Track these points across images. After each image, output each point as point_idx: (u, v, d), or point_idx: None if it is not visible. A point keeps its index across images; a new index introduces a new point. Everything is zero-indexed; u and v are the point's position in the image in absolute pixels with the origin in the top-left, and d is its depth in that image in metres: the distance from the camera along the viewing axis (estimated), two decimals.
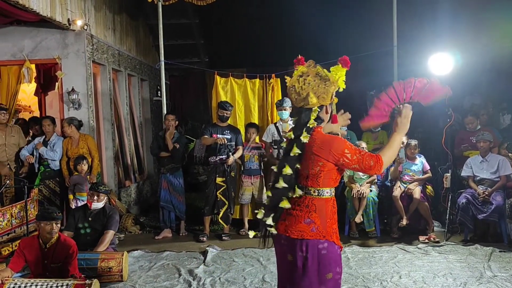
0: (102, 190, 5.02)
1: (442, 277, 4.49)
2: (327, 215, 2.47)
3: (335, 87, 2.53)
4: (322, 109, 2.54)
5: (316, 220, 2.43)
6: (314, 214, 2.44)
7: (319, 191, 2.47)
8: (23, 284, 3.76)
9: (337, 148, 2.43)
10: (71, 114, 6.47)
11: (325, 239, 2.43)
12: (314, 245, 2.41)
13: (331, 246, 2.45)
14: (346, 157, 2.42)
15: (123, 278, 4.57)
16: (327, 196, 2.49)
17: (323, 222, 2.44)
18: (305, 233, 2.42)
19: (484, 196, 5.63)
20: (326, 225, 2.45)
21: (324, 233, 2.43)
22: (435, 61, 5.78)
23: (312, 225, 2.43)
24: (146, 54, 9.54)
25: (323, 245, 2.42)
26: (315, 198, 2.47)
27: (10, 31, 6.54)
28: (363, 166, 2.43)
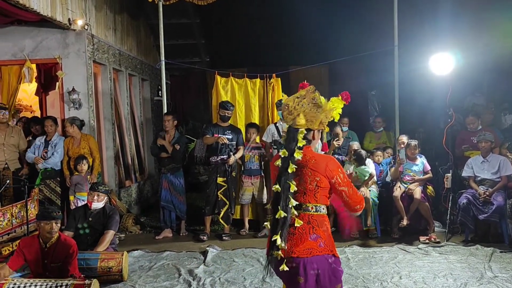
0: (102, 190, 5.03)
1: (442, 278, 4.48)
2: (328, 230, 2.53)
3: (327, 116, 2.61)
4: (309, 132, 2.59)
5: (322, 234, 2.48)
6: (319, 229, 2.49)
7: (316, 207, 2.52)
8: (22, 284, 3.76)
9: (333, 165, 2.55)
10: (71, 114, 6.47)
11: (332, 253, 2.49)
12: (325, 260, 2.45)
13: (337, 260, 2.52)
14: (339, 176, 2.53)
15: (123, 278, 4.58)
16: (323, 213, 2.56)
17: (327, 236, 2.50)
18: (313, 249, 2.43)
19: (485, 197, 5.61)
20: (331, 240, 2.52)
21: (331, 247, 2.49)
22: (436, 60, 5.77)
23: (319, 240, 2.46)
24: (147, 54, 9.54)
25: (331, 259, 2.47)
26: (314, 214, 2.51)
27: (10, 30, 6.54)
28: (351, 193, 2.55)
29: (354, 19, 8.59)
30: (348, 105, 2.99)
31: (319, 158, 2.58)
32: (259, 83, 6.94)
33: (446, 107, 5.99)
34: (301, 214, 2.50)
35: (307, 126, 2.56)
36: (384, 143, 7.28)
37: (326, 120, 2.62)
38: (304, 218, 2.49)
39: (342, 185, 2.53)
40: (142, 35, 9.29)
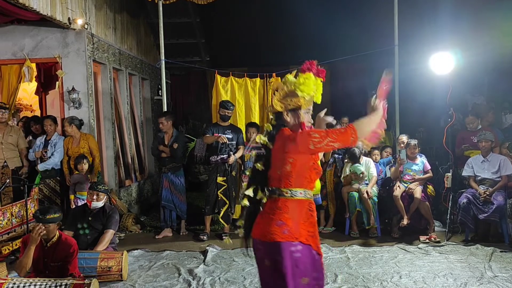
0: (101, 189, 5.02)
1: (442, 277, 4.47)
2: (300, 217, 2.43)
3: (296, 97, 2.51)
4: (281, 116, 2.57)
5: (288, 221, 2.40)
6: (286, 215, 2.41)
7: (291, 192, 2.44)
8: (22, 284, 3.75)
9: (302, 135, 2.45)
10: (71, 113, 6.46)
11: (298, 241, 2.38)
12: (287, 247, 2.36)
13: (306, 250, 2.39)
14: (313, 137, 2.42)
15: (123, 278, 4.57)
16: (300, 197, 2.46)
17: (296, 224, 2.40)
18: (276, 235, 2.38)
19: (485, 196, 5.61)
20: (299, 227, 2.40)
21: (296, 235, 2.38)
22: (436, 60, 5.77)
23: (284, 227, 2.38)
24: (147, 53, 9.53)
25: (296, 247, 2.37)
26: (288, 199, 2.44)
27: (10, 30, 6.54)
28: (334, 136, 2.40)
29: (354, 19, 8.59)
30: (348, 104, 2.98)
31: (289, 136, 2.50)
32: (259, 83, 6.94)
33: (446, 107, 5.98)
34: (276, 198, 2.47)
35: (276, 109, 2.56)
36: (383, 143, 7.27)
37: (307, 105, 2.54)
38: (277, 204, 2.45)
39: (323, 140, 2.40)
40: (142, 34, 9.29)
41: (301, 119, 2.54)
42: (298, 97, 2.51)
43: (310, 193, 2.51)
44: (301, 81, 2.51)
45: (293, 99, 2.51)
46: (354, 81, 9.30)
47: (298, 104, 2.52)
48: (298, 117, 2.54)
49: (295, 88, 2.50)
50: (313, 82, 2.53)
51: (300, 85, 2.50)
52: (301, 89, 2.50)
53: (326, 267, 4.86)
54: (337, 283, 4.41)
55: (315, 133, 2.44)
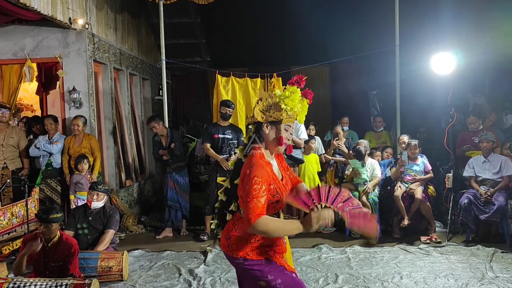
0: (101, 189, 5.02)
1: (443, 278, 4.46)
2: (248, 236, 2.41)
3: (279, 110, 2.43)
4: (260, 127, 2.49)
5: (232, 237, 2.46)
6: (234, 232, 2.46)
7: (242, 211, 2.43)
8: (22, 284, 3.75)
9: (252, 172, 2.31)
10: (72, 113, 6.46)
11: (240, 257, 2.42)
12: (232, 259, 2.49)
13: (250, 261, 2.43)
14: (250, 183, 2.27)
15: (123, 278, 4.57)
16: None
17: (239, 241, 2.42)
18: (224, 247, 2.52)
19: (486, 197, 5.60)
20: (243, 245, 2.41)
21: (237, 251, 2.43)
22: (437, 60, 5.76)
23: (229, 241, 2.47)
24: (147, 53, 9.53)
25: (239, 260, 2.45)
26: (242, 218, 2.43)
27: (11, 30, 6.54)
28: (249, 203, 2.26)
29: (355, 19, 8.58)
30: (349, 104, 2.96)
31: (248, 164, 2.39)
32: (260, 83, 6.93)
33: (447, 107, 5.97)
34: (237, 213, 2.52)
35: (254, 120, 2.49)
36: (384, 143, 7.27)
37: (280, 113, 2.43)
38: (234, 218, 2.52)
39: (242, 194, 2.32)
40: (143, 34, 9.29)
41: (280, 133, 2.47)
42: (281, 110, 2.43)
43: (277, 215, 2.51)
44: (287, 94, 2.45)
45: (275, 111, 2.44)
46: (355, 81, 9.30)
47: (279, 117, 2.45)
48: (277, 131, 2.47)
49: (279, 100, 2.44)
50: (299, 98, 2.48)
51: (285, 98, 2.44)
52: (285, 102, 2.44)
53: (327, 267, 4.86)
54: (338, 283, 4.40)
55: (255, 184, 2.28)
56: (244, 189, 2.31)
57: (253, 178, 2.28)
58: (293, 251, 5.39)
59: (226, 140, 6.10)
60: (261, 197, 2.27)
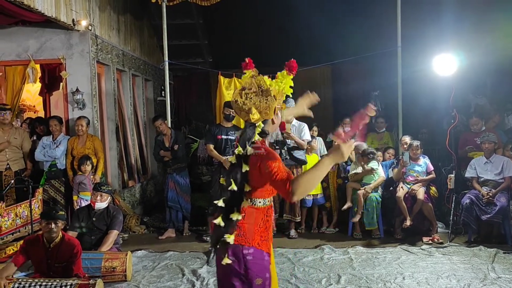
0: (104, 190, 5.05)
1: (445, 279, 4.48)
2: (256, 223, 2.45)
3: (280, 99, 2.47)
4: (266, 123, 2.49)
5: (242, 225, 2.42)
6: (242, 220, 2.43)
7: (252, 200, 2.45)
8: (27, 284, 3.78)
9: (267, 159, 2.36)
10: (75, 114, 6.49)
11: (251, 246, 2.42)
12: (239, 250, 2.41)
13: (257, 253, 2.43)
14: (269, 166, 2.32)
15: (127, 278, 4.59)
16: (259, 206, 2.47)
17: (251, 228, 2.43)
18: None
19: (488, 197, 5.61)
20: (254, 232, 2.44)
21: (250, 239, 2.42)
22: (439, 61, 5.78)
23: (238, 230, 2.42)
24: (150, 54, 9.56)
25: (248, 250, 2.41)
26: (248, 205, 2.45)
27: (15, 31, 6.57)
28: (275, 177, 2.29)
29: (358, 20, 8.59)
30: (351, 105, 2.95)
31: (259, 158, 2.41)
32: None
33: (449, 108, 5.99)
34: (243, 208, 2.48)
35: (263, 118, 2.45)
36: (386, 144, 7.27)
37: (280, 101, 2.48)
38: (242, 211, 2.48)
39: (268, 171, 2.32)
40: (145, 36, 9.32)
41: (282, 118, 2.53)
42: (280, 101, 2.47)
43: (270, 199, 2.51)
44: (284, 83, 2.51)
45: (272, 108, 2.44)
46: (357, 82, 9.30)
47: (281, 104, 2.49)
48: (277, 121, 2.51)
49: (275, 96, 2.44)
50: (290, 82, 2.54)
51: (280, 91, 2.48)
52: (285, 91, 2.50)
53: (329, 268, 4.88)
54: (340, 284, 4.42)
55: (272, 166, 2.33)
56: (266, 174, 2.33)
57: (270, 162, 2.34)
58: (295, 252, 5.43)
59: (230, 141, 6.12)
60: (282, 168, 2.33)
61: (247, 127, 2.47)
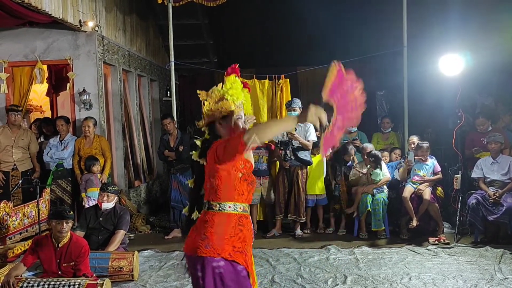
0: (111, 190, 5.08)
1: (452, 279, 4.47)
2: (226, 232, 2.35)
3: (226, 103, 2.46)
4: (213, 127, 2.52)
5: (211, 236, 2.33)
6: (211, 229, 2.35)
7: (220, 205, 2.38)
8: (36, 283, 3.81)
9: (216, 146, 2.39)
10: (82, 115, 6.53)
11: (220, 257, 2.31)
12: (209, 262, 2.31)
13: (228, 265, 2.33)
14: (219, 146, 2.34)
15: (134, 278, 4.62)
16: (229, 211, 2.39)
17: (219, 238, 2.33)
18: (199, 249, 2.33)
19: (494, 198, 5.60)
20: (224, 242, 2.33)
21: (219, 250, 2.32)
22: (446, 61, 5.77)
23: (206, 241, 2.33)
24: (155, 55, 9.59)
25: (218, 263, 2.31)
26: (216, 213, 2.38)
27: (22, 32, 6.62)
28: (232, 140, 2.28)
29: (363, 20, 8.58)
30: None
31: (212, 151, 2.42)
32: (268, 84, 6.96)
33: (455, 108, 5.97)
34: (205, 211, 2.43)
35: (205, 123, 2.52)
36: (392, 144, 7.27)
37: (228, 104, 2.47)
38: (205, 217, 2.41)
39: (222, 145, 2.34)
40: (151, 36, 9.35)
41: (236, 125, 2.47)
42: (228, 102, 2.46)
43: (243, 207, 2.43)
44: (229, 86, 2.49)
45: (223, 105, 2.46)
46: (363, 82, 9.26)
47: (229, 109, 2.46)
48: (231, 123, 2.48)
49: (223, 94, 2.48)
50: (241, 87, 2.52)
51: (228, 89, 2.48)
52: (230, 93, 2.48)
53: (335, 268, 4.88)
54: (346, 284, 4.42)
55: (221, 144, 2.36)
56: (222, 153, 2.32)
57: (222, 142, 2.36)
58: (301, 252, 5.44)
59: None
60: None
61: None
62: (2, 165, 6.21)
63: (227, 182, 2.39)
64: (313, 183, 6.35)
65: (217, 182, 2.38)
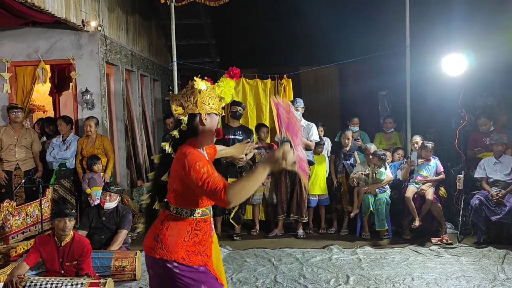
0: (114, 190, 5.09)
1: (455, 280, 4.46)
2: (180, 235, 2.32)
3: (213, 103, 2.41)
4: (194, 118, 2.37)
5: (165, 238, 2.31)
6: (165, 232, 2.32)
7: (177, 209, 2.34)
8: (39, 282, 3.82)
9: (190, 160, 2.23)
10: (85, 114, 6.54)
11: (173, 260, 2.29)
12: (159, 264, 2.30)
13: (183, 267, 2.30)
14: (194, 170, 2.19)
15: (136, 277, 4.62)
16: (186, 217, 2.34)
17: (173, 241, 2.30)
18: (153, 250, 2.32)
19: (497, 198, 5.58)
20: (177, 246, 2.30)
21: (171, 253, 2.29)
22: (448, 61, 5.75)
23: (160, 243, 2.31)
24: (158, 54, 9.60)
25: (172, 264, 2.29)
26: (173, 216, 2.35)
27: (25, 32, 6.63)
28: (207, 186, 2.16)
29: (366, 20, 8.58)
30: (358, 105, 2.93)
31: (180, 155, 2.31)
32: (270, 84, 6.96)
33: (458, 108, 5.96)
34: (163, 211, 2.40)
35: (186, 112, 2.35)
36: (394, 144, 7.26)
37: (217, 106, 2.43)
38: (161, 217, 2.39)
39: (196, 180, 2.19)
40: (153, 36, 9.36)
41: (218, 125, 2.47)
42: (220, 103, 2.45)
43: (201, 211, 2.39)
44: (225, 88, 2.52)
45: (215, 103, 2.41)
46: (365, 82, 9.27)
47: (218, 110, 2.45)
48: (214, 122, 2.44)
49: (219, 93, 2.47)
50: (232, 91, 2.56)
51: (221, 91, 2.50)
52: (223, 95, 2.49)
53: (337, 268, 4.88)
54: (349, 284, 4.42)
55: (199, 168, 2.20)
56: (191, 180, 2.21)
57: (195, 165, 2.21)
58: (303, 252, 5.43)
59: (237, 141, 6.13)
60: (212, 173, 2.21)
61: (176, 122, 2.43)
62: (5, 165, 6.23)
63: (187, 191, 2.32)
64: (315, 183, 6.35)
65: (178, 188, 2.32)
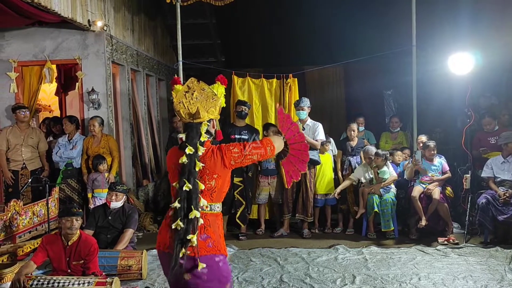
0: (119, 189, 5.11)
1: (462, 280, 4.44)
2: (219, 230, 2.49)
3: (221, 102, 2.58)
4: (210, 123, 2.57)
5: (212, 235, 2.43)
6: (209, 229, 2.43)
7: (211, 206, 2.47)
8: (46, 281, 3.84)
9: (226, 150, 2.48)
10: (91, 114, 6.56)
11: (221, 253, 2.44)
12: (211, 259, 2.40)
13: (225, 259, 2.47)
14: (234, 152, 2.47)
15: (142, 276, 4.63)
16: (217, 211, 2.51)
17: (217, 236, 2.46)
18: (202, 249, 2.39)
19: (505, 198, 5.54)
20: (220, 240, 2.47)
21: (219, 247, 2.44)
22: (455, 60, 5.72)
23: (208, 240, 2.41)
24: (163, 54, 9.61)
25: (219, 258, 2.43)
26: (208, 213, 2.46)
27: (32, 32, 6.66)
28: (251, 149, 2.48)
29: (371, 19, 8.54)
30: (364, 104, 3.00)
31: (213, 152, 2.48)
32: (276, 83, 6.95)
33: (464, 107, 5.92)
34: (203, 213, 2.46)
35: (208, 117, 2.52)
36: (400, 144, 7.23)
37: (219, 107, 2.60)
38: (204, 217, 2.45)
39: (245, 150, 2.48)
40: (159, 36, 9.38)
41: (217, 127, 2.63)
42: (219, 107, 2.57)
43: (221, 205, 2.56)
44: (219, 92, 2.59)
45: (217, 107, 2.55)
46: (370, 81, 9.24)
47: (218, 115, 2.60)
48: (214, 126, 2.61)
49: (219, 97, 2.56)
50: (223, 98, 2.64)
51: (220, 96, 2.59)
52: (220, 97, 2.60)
53: (343, 268, 4.87)
54: (355, 284, 4.40)
55: (235, 148, 2.49)
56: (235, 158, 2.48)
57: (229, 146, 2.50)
58: (309, 252, 5.43)
59: (243, 141, 6.13)
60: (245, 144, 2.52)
61: (194, 127, 2.49)
62: (12, 164, 6.26)
63: (222, 184, 2.50)
64: (321, 183, 6.34)
65: (215, 184, 2.47)
